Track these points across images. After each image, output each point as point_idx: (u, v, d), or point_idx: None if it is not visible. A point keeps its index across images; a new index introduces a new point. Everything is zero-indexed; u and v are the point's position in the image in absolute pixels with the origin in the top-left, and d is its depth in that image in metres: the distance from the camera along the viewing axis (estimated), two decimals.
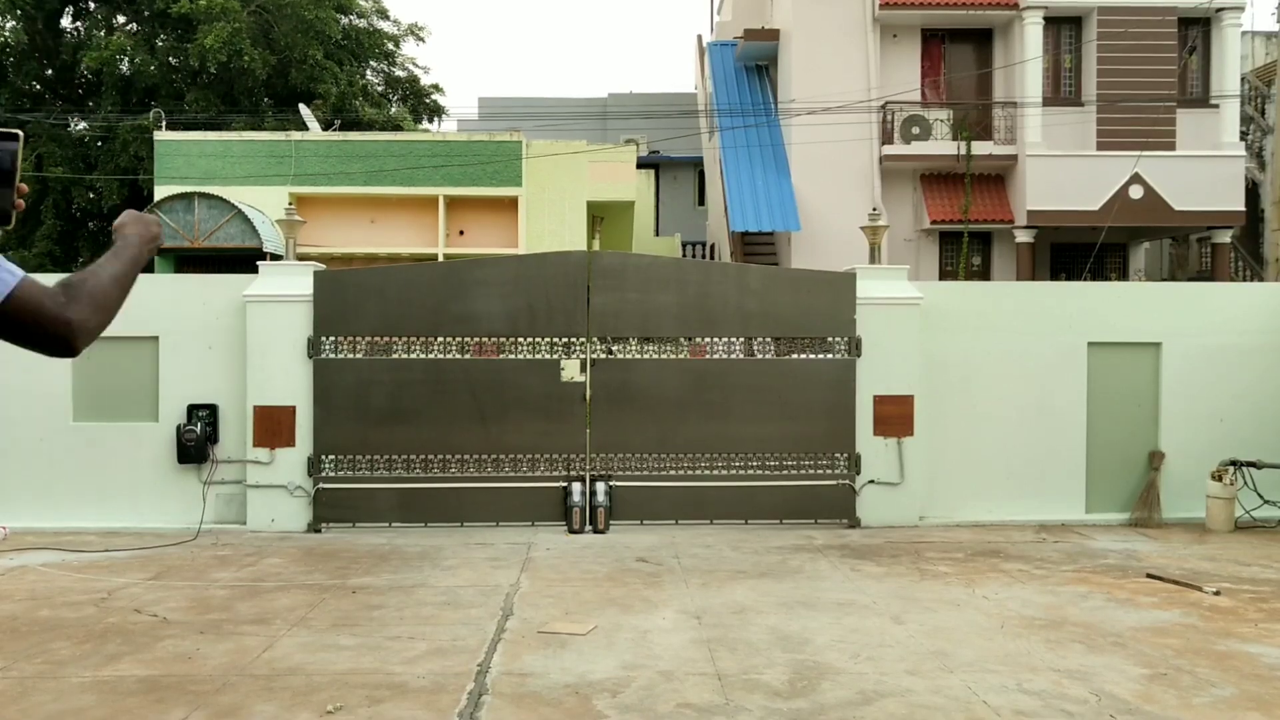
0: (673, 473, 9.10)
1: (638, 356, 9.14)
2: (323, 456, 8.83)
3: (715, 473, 9.09)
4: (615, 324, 9.15)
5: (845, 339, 9.09)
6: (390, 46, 33.47)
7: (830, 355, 9.08)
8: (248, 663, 5.17)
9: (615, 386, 9.12)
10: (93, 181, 28.92)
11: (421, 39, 33.90)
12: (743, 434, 9.10)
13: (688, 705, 4.58)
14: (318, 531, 8.71)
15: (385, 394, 8.92)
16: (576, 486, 8.98)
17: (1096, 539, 8.39)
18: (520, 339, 9.09)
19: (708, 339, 9.18)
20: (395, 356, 8.98)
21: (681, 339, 9.20)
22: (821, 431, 9.08)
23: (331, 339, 8.86)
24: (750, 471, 9.10)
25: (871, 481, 8.96)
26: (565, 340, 9.11)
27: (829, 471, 9.07)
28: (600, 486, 8.95)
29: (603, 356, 9.14)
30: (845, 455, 9.08)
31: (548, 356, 9.11)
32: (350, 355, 8.90)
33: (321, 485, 8.82)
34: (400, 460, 8.93)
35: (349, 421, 8.87)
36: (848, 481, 9.06)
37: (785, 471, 8.94)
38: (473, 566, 7.36)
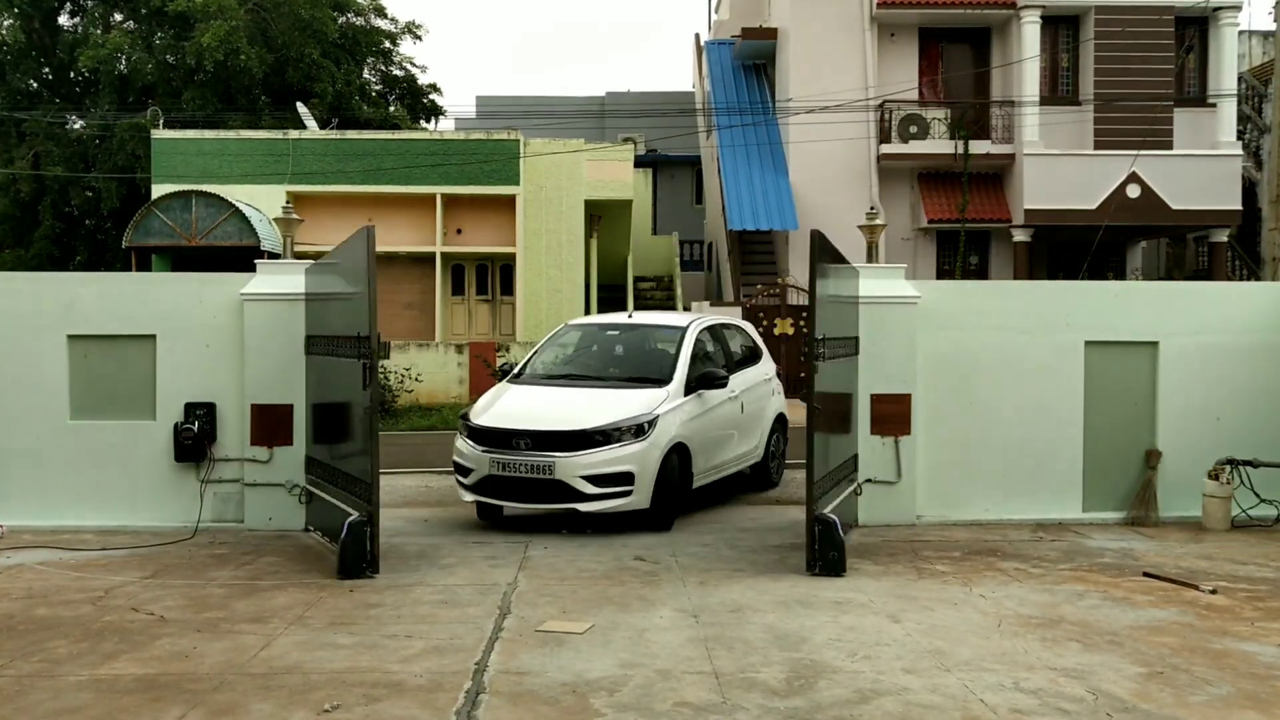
0: None
1: None
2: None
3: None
4: None
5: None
6: (387, 45, 33.38)
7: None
8: (245, 661, 5.18)
9: None
10: (90, 180, 28.85)
11: (419, 37, 33.85)
12: None
13: (685, 704, 4.59)
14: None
15: None
16: None
17: (1093, 537, 8.40)
18: None
19: None
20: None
21: None
22: None
23: None
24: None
25: (869, 480, 8.95)
26: None
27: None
28: None
29: None
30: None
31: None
32: None
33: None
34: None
35: None
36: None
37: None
38: (470, 565, 7.37)
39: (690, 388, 8.88)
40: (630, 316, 10.47)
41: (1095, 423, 8.98)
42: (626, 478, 8.18)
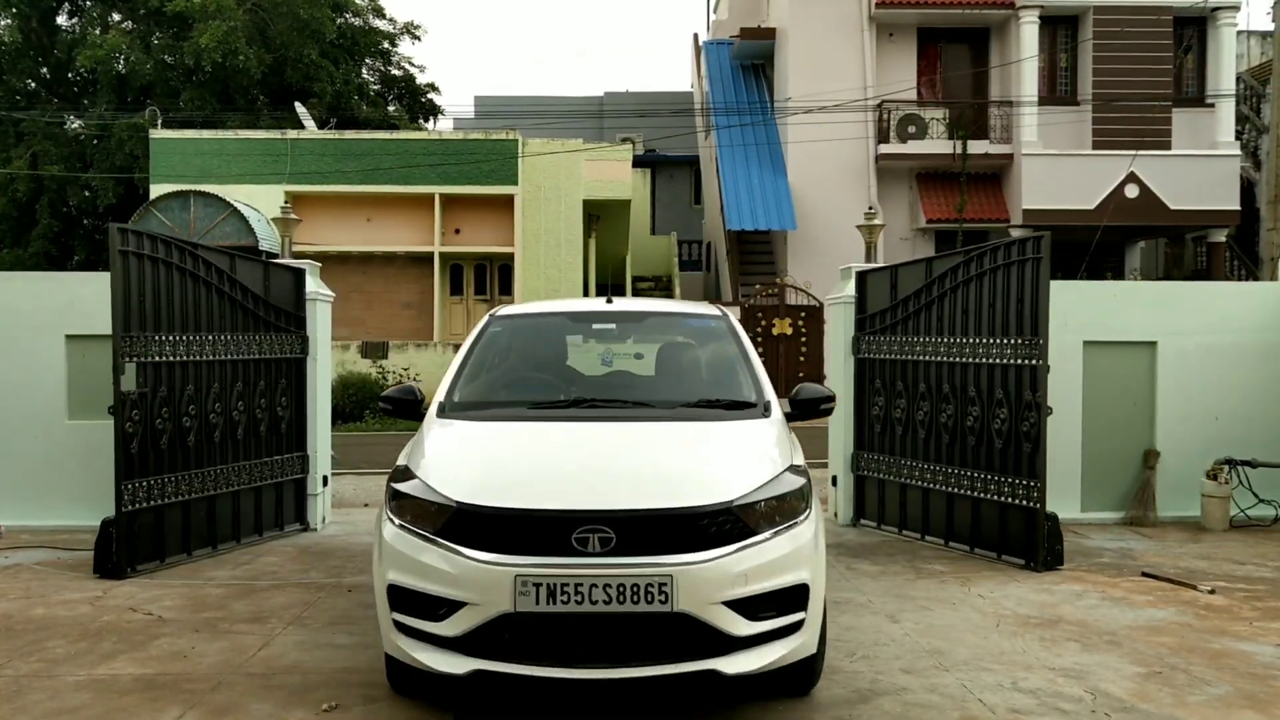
0: None
1: None
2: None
3: None
4: None
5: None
6: (386, 45, 33.38)
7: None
8: (243, 661, 5.17)
9: None
10: (88, 180, 28.82)
11: (417, 37, 33.89)
12: None
13: None
14: (314, 530, 8.70)
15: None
16: None
17: (1092, 537, 8.40)
18: None
19: None
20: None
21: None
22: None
23: None
24: None
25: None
26: None
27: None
28: None
29: None
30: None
31: None
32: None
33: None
34: None
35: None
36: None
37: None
38: None
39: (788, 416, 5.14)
40: (610, 302, 6.07)
41: (1094, 422, 8.97)
42: (798, 597, 4.16)
